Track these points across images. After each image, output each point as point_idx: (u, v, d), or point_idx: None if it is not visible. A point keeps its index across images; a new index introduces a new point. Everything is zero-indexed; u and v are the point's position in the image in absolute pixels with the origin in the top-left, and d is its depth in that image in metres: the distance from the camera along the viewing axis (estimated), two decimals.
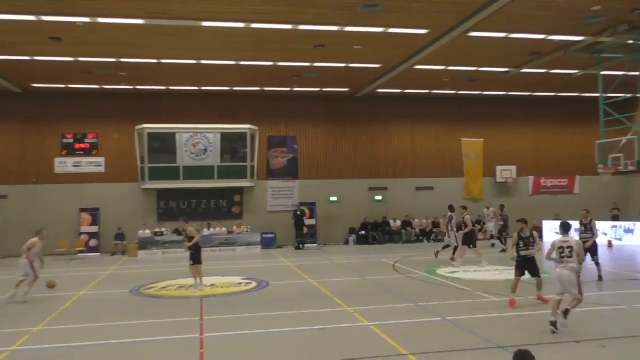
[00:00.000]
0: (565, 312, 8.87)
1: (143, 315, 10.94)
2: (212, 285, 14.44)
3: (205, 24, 15.29)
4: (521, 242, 11.14)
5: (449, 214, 18.08)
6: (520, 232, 11.18)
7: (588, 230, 13.95)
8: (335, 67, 20.45)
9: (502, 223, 21.82)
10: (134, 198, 24.51)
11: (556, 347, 8.02)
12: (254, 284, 14.38)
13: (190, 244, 13.83)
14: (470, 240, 17.13)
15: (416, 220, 26.47)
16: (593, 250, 13.64)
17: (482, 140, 27.89)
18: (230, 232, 23.96)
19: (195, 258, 13.76)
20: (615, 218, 25.30)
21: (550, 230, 25.65)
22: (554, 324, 8.73)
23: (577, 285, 9.11)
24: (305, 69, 20.77)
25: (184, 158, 24.06)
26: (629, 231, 23.19)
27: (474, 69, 21.39)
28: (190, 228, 14.25)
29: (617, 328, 9.11)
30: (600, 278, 13.73)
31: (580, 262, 9.32)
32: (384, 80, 22.67)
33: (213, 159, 24.27)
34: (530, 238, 11.10)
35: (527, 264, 11.24)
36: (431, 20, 15.39)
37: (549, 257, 9.38)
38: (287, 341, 8.79)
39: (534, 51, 18.98)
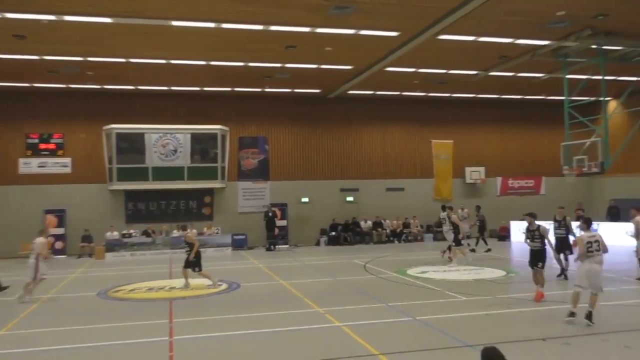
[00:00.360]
0: (589, 316, 9.10)
1: (111, 318, 10.74)
2: (181, 287, 14.26)
3: (175, 23, 15.11)
4: (529, 235, 11.71)
5: (443, 213, 18.20)
6: (529, 226, 11.74)
7: (562, 226, 14.47)
8: (306, 68, 20.45)
9: (478, 224, 22.13)
10: (101, 199, 24.06)
11: (523, 344, 8.16)
12: (224, 286, 14.26)
13: (193, 253, 13.91)
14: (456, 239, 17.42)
15: (387, 221, 26.65)
16: (569, 246, 14.17)
17: (451, 141, 28.27)
18: (200, 234, 23.69)
19: (197, 264, 13.93)
20: (580, 218, 25.83)
21: (518, 231, 26.14)
22: (572, 314, 9.23)
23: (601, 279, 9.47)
24: (276, 69, 20.71)
25: (153, 159, 23.73)
26: (593, 231, 23.73)
27: (444, 71, 21.66)
28: (190, 234, 14.34)
29: (581, 326, 9.33)
30: (565, 276, 14.16)
31: (605, 252, 9.77)
32: (355, 82, 22.77)
33: (183, 160, 24.00)
34: (536, 231, 11.59)
35: (538, 256, 11.60)
36: (401, 23, 15.52)
37: (579, 254, 9.68)
38: (257, 343, 8.74)
39: (502, 54, 19.32)
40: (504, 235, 26.31)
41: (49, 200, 23.36)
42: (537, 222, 11.91)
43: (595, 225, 23.64)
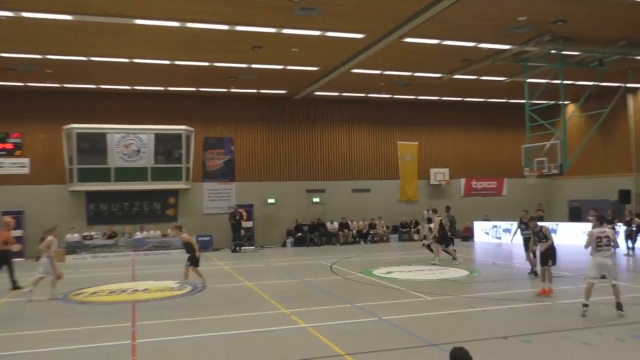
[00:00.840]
0: (620, 306, 9.84)
1: (72, 322, 10.46)
2: (145, 289, 14.03)
3: (138, 21, 14.84)
4: (536, 237, 12.52)
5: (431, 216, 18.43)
6: (534, 229, 12.52)
7: (528, 227, 14.68)
8: (272, 68, 20.38)
9: (448, 224, 22.37)
10: (61, 200, 23.43)
11: (485, 343, 8.31)
12: (188, 288, 14.08)
13: (197, 253, 14.19)
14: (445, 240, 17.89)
15: (353, 222, 26.78)
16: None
17: (416, 143, 28.62)
18: (164, 235, 23.38)
19: (194, 260, 14.17)
20: (540, 219, 26.48)
21: (481, 231, 26.67)
22: (586, 306, 9.81)
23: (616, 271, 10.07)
24: (242, 70, 20.58)
25: (116, 159, 23.24)
26: (552, 231, 24.35)
27: (409, 73, 21.90)
28: (185, 235, 14.44)
29: (543, 323, 9.57)
30: (535, 273, 14.64)
31: (615, 247, 10.39)
32: (321, 83, 22.82)
33: (146, 161, 23.58)
34: (540, 232, 12.32)
35: (547, 254, 12.10)
36: (367, 25, 15.62)
37: (587, 246, 10.22)
38: (222, 345, 8.66)
39: (465, 58, 19.66)
40: (467, 235, 26.77)
41: (6, 201, 22.60)
42: (540, 224, 12.69)
43: (554, 225, 24.47)
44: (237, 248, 23.63)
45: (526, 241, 15.06)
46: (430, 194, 28.64)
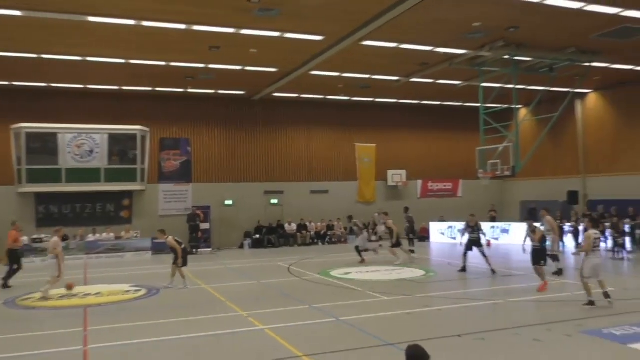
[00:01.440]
0: (607, 294, 10.68)
1: (20, 328, 10.06)
2: (97, 293, 13.66)
3: (92, 19, 14.43)
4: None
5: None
6: (529, 228, 13.66)
7: (475, 231, 15.93)
8: (230, 69, 20.19)
9: (407, 225, 22.62)
10: (9, 202, 22.52)
11: (441, 341, 8.45)
12: (143, 291, 13.79)
13: (178, 260, 14.29)
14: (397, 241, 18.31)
15: (311, 223, 26.80)
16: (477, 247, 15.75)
17: (374, 145, 28.89)
18: (118, 238, 22.83)
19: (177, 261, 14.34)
20: (493, 219, 27.27)
21: (437, 232, 27.13)
22: (592, 302, 10.57)
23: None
24: (199, 70, 20.30)
25: (67, 160, 22.52)
26: (505, 231, 25.10)
27: (368, 76, 22.09)
28: (170, 239, 14.43)
29: (495, 321, 9.82)
30: (464, 268, 15.91)
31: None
32: (280, 84, 22.75)
33: (99, 161, 22.95)
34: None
35: (539, 254, 13.10)
36: (326, 28, 15.68)
37: (588, 250, 10.91)
38: (178, 349, 8.51)
39: (422, 62, 19.96)
40: (424, 236, 27.17)
41: None
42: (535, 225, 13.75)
43: (507, 225, 25.15)
44: (194, 250, 23.27)
45: (470, 243, 15.98)
46: (387, 196, 28.96)
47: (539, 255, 13.05)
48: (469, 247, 15.96)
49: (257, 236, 25.62)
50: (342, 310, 10.82)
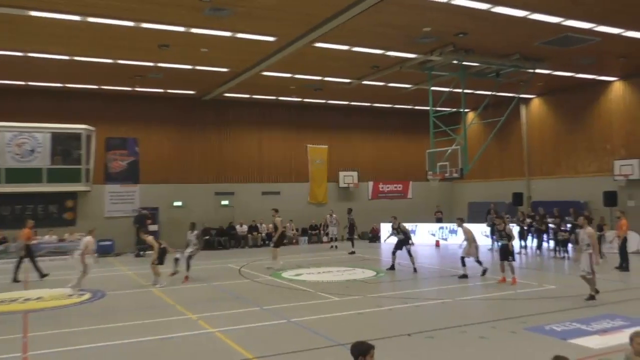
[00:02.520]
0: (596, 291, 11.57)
1: None
2: (38, 298, 13.11)
3: (34, 13, 13.84)
4: (498, 234, 14.71)
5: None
6: (498, 226, 14.74)
7: (400, 232, 16.73)
8: (180, 68, 19.80)
9: (348, 226, 22.96)
10: None
11: (391, 340, 8.54)
12: (87, 295, 13.33)
13: (156, 254, 14.85)
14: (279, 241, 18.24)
15: (263, 225, 26.62)
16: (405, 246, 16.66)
17: (326, 146, 29.01)
18: (61, 240, 21.99)
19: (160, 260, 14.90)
20: (439, 220, 27.88)
21: (387, 232, 27.40)
22: (593, 297, 11.39)
23: None
24: (148, 68, 19.81)
25: (7, 159, 21.49)
26: (453, 232, 25.67)
27: (320, 78, 22.14)
28: (149, 238, 15.05)
29: (443, 320, 10.01)
30: (392, 266, 16.69)
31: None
32: (231, 85, 22.49)
33: (41, 161, 22.03)
34: (503, 231, 14.34)
35: (506, 251, 14.12)
36: (279, 29, 15.60)
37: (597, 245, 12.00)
38: (124, 354, 8.27)
39: (374, 65, 20.17)
40: (374, 236, 27.46)
41: None
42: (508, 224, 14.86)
43: (454, 226, 25.64)
44: (141, 252, 22.70)
45: (399, 242, 16.73)
46: (339, 197, 29.11)
47: (506, 251, 14.07)
48: (398, 247, 16.75)
49: (207, 237, 25.24)
50: (293, 312, 10.79)
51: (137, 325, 9.99)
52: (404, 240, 16.63)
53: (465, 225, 15.67)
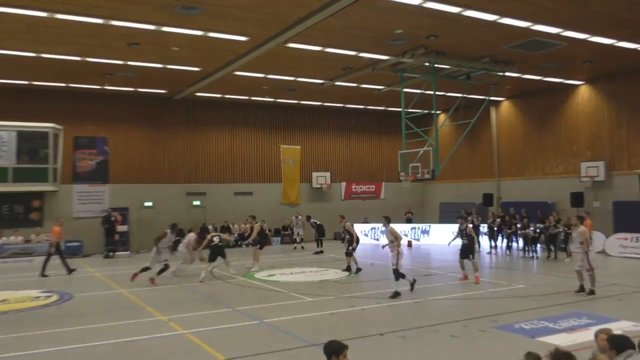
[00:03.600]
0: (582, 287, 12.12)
1: None
2: (3, 300, 12.76)
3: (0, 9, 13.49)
4: (460, 233, 14.86)
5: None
6: (460, 226, 14.85)
7: (346, 233, 17.18)
8: (151, 67, 19.52)
9: (315, 227, 23.14)
10: None
11: (364, 340, 8.57)
12: (54, 297, 13.04)
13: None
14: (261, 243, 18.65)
15: (235, 225, 26.45)
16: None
17: (299, 147, 28.98)
18: (27, 241, 21.46)
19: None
20: (409, 220, 28.13)
21: (360, 233, 27.52)
22: (593, 291, 11.92)
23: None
24: (118, 67, 19.48)
25: None
26: (425, 232, 25.96)
27: (292, 78, 22.11)
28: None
29: (415, 319, 10.09)
30: (348, 267, 16.71)
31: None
32: (203, 84, 22.28)
33: (7, 160, 21.40)
34: (464, 230, 14.62)
35: (467, 249, 14.53)
36: (251, 29, 15.51)
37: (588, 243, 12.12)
38: (89, 357, 8.10)
39: (347, 66, 20.23)
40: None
41: None
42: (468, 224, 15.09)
43: (427, 226, 25.94)
44: (110, 253, 22.31)
45: (349, 242, 16.86)
46: (312, 197, 29.12)
47: (467, 250, 14.55)
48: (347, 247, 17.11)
49: (179, 238, 24.89)
50: (265, 313, 10.74)
51: (105, 328, 9.80)
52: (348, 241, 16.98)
53: (392, 225, 14.04)
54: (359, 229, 27.51)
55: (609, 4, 13.89)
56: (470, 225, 15.61)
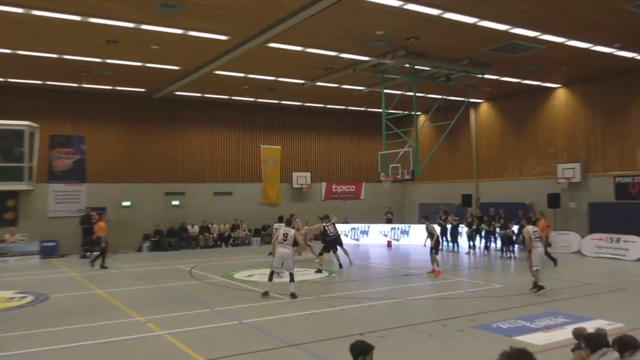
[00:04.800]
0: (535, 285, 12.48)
1: None
2: None
3: None
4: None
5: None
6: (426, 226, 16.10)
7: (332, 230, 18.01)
8: (130, 65, 19.28)
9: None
10: None
11: (342, 340, 8.55)
12: (29, 298, 12.80)
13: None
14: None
15: (214, 225, 26.29)
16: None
17: (279, 147, 28.92)
18: (1, 241, 21.06)
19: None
20: (389, 221, 28.27)
21: (340, 233, 27.57)
22: (542, 287, 12.34)
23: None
24: (96, 64, 19.20)
25: None
26: (404, 232, 26.10)
27: (273, 78, 22.04)
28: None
29: (395, 319, 10.14)
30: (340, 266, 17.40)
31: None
32: (182, 83, 22.09)
33: None
34: (427, 228, 15.89)
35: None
36: (231, 28, 15.42)
37: (529, 244, 12.57)
38: (66, 358, 7.97)
39: (327, 66, 20.23)
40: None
41: None
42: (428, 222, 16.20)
43: (407, 226, 26.08)
44: (87, 254, 21.99)
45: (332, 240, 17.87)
46: (292, 198, 29.07)
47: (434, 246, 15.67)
48: (332, 245, 17.97)
49: (157, 237, 24.71)
50: (245, 313, 10.69)
51: (81, 328, 9.65)
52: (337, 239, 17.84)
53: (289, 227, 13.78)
54: (339, 229, 27.66)
55: (585, 9, 14.12)
56: (435, 225, 16.80)
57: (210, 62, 18.95)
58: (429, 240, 16.03)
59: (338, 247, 18.00)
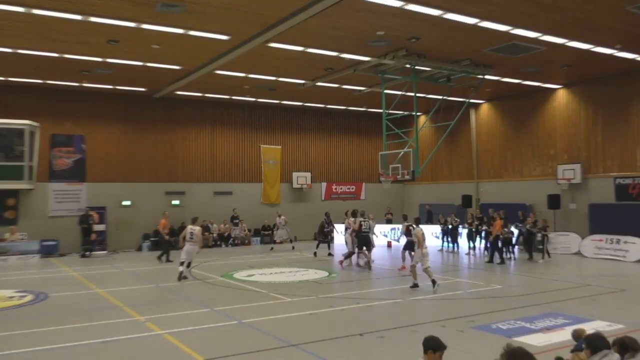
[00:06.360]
0: (434, 282, 13.06)
1: None
2: None
3: None
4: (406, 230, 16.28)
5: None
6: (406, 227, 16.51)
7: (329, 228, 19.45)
8: (130, 64, 19.29)
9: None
10: None
11: (342, 340, 8.58)
12: (29, 297, 12.81)
13: None
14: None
15: (214, 225, 26.28)
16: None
17: (280, 147, 28.92)
18: (1, 240, 21.06)
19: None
20: (389, 221, 28.24)
21: (340, 233, 27.57)
22: (417, 285, 13.26)
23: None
24: (96, 64, 19.20)
25: None
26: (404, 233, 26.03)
27: (274, 78, 22.04)
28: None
29: (394, 319, 10.14)
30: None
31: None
32: (183, 83, 22.10)
33: None
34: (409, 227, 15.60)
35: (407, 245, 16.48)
36: (232, 28, 15.43)
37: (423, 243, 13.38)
38: (68, 358, 7.97)
39: (328, 67, 20.24)
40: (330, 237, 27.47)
41: None
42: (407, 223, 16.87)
43: (395, 227, 25.99)
44: (87, 253, 21.98)
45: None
46: (292, 198, 29.07)
47: (411, 245, 15.79)
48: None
49: (157, 238, 24.68)
50: (244, 313, 10.69)
51: (81, 328, 9.66)
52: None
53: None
54: (339, 229, 27.65)
55: (586, 10, 14.12)
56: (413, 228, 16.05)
57: (210, 61, 18.95)
58: (404, 237, 16.78)
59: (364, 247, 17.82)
